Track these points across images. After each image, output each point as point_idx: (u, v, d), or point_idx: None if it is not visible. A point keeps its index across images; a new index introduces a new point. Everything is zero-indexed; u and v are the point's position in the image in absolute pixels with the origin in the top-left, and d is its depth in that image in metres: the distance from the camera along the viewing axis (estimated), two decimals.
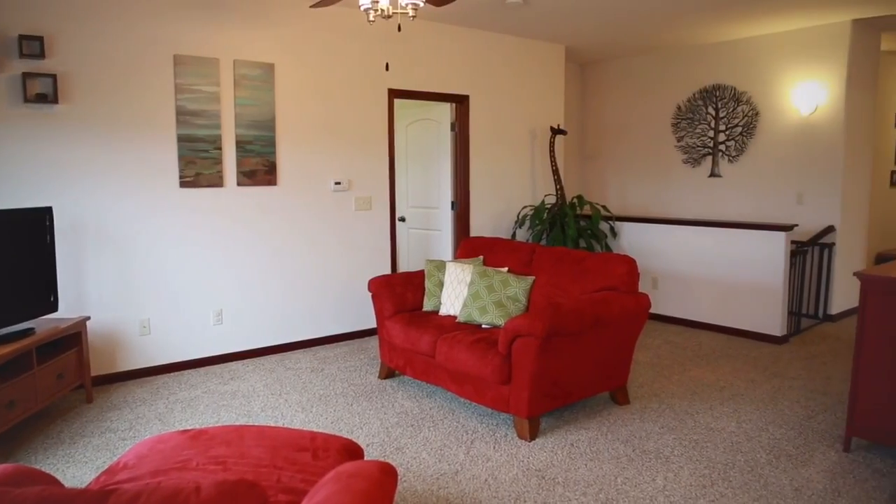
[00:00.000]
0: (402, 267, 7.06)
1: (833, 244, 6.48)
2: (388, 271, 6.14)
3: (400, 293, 4.72)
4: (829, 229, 6.45)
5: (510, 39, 6.88)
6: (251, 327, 5.40)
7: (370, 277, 5.57)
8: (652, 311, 6.57)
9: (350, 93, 5.75)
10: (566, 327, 3.59)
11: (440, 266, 4.80)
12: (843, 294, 6.61)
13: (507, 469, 3.39)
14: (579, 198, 6.80)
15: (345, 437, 2.95)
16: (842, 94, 6.31)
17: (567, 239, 6.42)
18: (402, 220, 7.08)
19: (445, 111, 6.58)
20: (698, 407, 4.27)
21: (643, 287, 6.61)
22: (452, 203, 6.65)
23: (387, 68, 4.10)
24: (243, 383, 4.79)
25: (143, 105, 4.74)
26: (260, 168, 5.28)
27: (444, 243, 6.73)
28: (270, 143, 5.32)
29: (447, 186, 6.63)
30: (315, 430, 3.88)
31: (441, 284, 4.73)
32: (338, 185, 5.74)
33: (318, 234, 5.70)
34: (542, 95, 7.24)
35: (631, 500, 3.07)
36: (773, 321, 5.80)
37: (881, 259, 7.85)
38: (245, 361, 5.32)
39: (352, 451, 2.50)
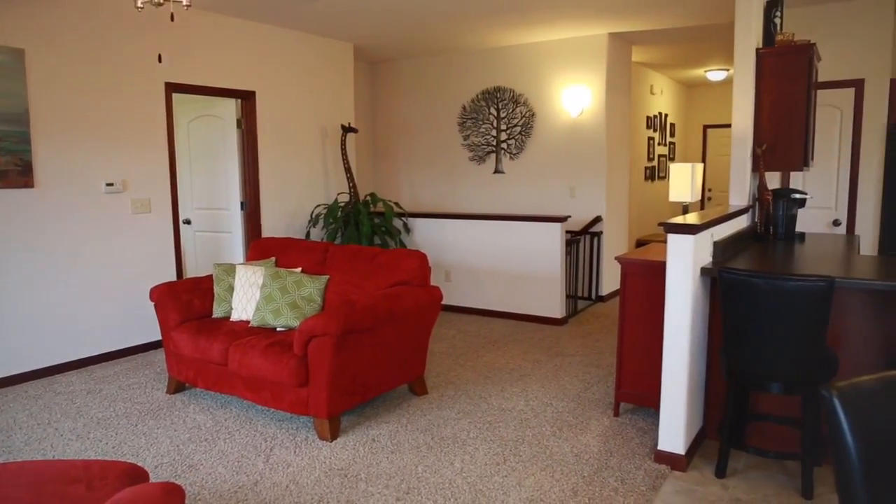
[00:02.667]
0: (191, 272, 6.63)
1: (601, 232, 7.22)
2: (173, 278, 5.72)
3: (186, 300, 4.42)
4: (598, 219, 7.18)
5: (298, 35, 6.74)
6: (7, 350, 4.73)
7: (152, 285, 5.14)
8: (446, 302, 6.84)
9: (122, 85, 5.26)
10: (361, 324, 3.61)
11: (229, 270, 4.58)
12: (611, 276, 7.40)
13: (308, 472, 3.33)
14: (372, 195, 6.87)
15: (128, 461, 2.70)
16: (603, 98, 7.04)
17: (361, 236, 6.46)
18: (188, 222, 6.64)
19: (231, 107, 6.28)
20: (491, 390, 4.52)
21: (436, 280, 6.85)
22: (242, 203, 6.37)
23: (160, 60, 3.80)
24: (1, 416, 4.18)
25: None
26: (11, 168, 4.64)
27: (234, 246, 6.43)
28: (24, 139, 4.69)
29: (235, 186, 6.34)
30: (93, 458, 3.50)
31: (231, 289, 4.51)
32: (110, 187, 5.23)
33: (89, 241, 5.15)
34: (332, 93, 7.20)
35: (431, 487, 3.17)
36: (553, 305, 6.32)
37: (640, 244, 8.92)
38: (2, 390, 4.65)
39: (135, 475, 2.28)
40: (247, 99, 6.27)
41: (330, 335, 3.50)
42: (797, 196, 4.44)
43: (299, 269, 4.55)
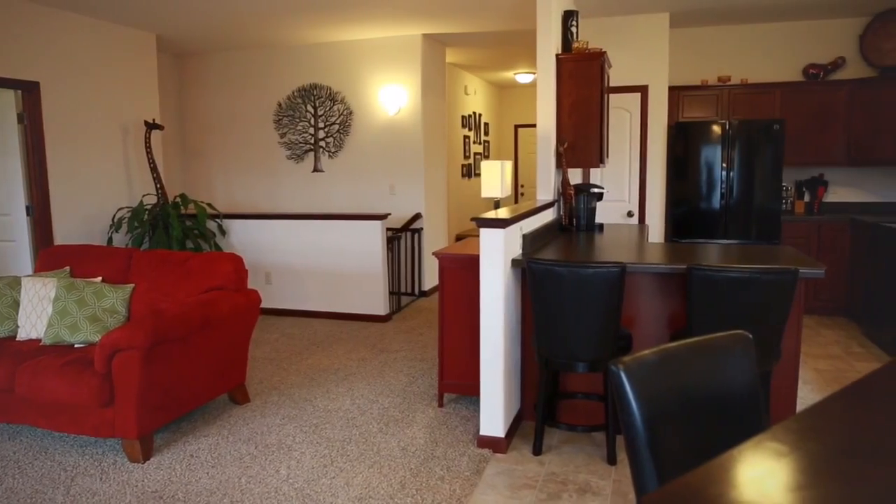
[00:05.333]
0: None
1: (421, 229, 7.39)
2: None
3: None
4: (418, 216, 7.33)
5: (91, 22, 6.14)
6: None
7: None
8: (267, 305, 6.62)
9: None
10: (172, 333, 3.39)
11: (13, 283, 4.07)
12: (432, 272, 7.59)
13: (118, 499, 3.06)
14: (182, 196, 6.46)
15: None
16: (419, 97, 7.19)
17: (172, 241, 6.05)
18: None
19: (9, 100, 5.57)
20: (316, 392, 4.45)
21: (256, 283, 6.60)
22: (28, 208, 5.68)
23: None
24: None
25: None
26: None
27: (20, 256, 5.72)
28: None
29: (19, 189, 5.63)
30: None
31: (16, 304, 4.01)
32: None
33: None
34: (132, 87, 6.65)
35: (256, 497, 3.05)
36: (377, 302, 6.36)
37: (460, 239, 9.24)
38: None
39: None
40: (29, 91, 5.60)
41: (136, 348, 3.24)
42: (595, 190, 4.85)
43: (99, 279, 4.17)
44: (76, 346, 3.80)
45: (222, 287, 3.97)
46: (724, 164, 6.21)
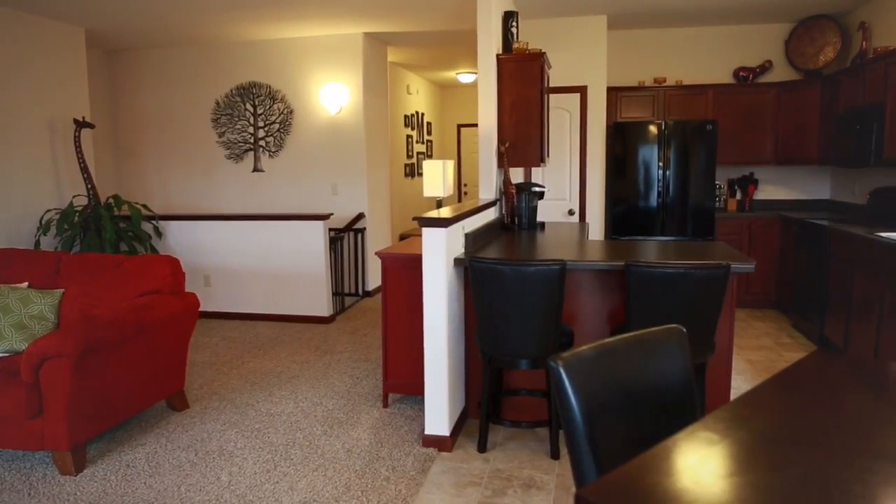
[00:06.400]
0: None
1: (364, 229, 7.34)
2: None
3: None
4: (361, 216, 7.28)
5: (13, 14, 5.84)
6: None
7: None
8: (206, 308, 6.45)
9: None
10: (105, 340, 3.27)
11: None
12: (376, 272, 7.55)
13: None
14: (116, 197, 6.23)
15: None
16: (360, 96, 7.14)
17: (105, 243, 5.83)
18: None
19: None
20: (258, 396, 4.37)
21: (194, 286, 6.42)
22: None
23: None
24: None
25: None
26: None
27: None
28: None
29: None
30: None
31: None
32: None
33: None
34: (60, 83, 6.37)
35: None
36: (320, 303, 6.29)
37: (403, 238, 9.22)
38: None
39: None
40: None
41: (66, 356, 3.11)
42: (537, 189, 4.91)
43: (25, 284, 3.98)
44: (0, 355, 3.62)
45: (158, 291, 3.86)
46: (661, 163, 6.39)
